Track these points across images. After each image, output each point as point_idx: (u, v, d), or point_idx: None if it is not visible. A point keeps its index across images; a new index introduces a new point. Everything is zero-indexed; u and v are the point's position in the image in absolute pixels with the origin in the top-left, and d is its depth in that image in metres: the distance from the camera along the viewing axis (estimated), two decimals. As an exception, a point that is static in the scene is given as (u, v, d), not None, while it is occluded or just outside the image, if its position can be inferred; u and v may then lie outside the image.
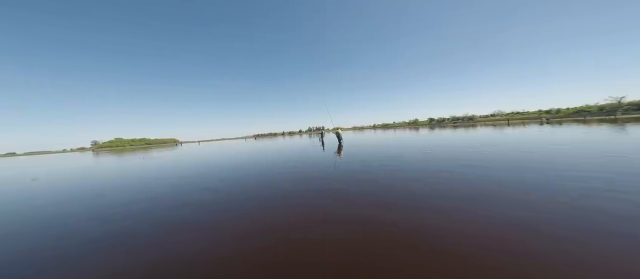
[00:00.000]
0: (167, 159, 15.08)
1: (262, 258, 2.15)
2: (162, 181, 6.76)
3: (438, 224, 2.58)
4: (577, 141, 9.00)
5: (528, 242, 2.11)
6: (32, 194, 6.21)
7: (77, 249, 2.61)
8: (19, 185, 7.98)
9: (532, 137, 11.83)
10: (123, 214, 3.80)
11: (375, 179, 4.93)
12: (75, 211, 4.17)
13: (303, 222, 2.90)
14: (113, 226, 3.24)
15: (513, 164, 5.43)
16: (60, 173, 11.13)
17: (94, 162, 17.88)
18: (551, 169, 4.72)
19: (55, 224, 3.50)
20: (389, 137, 21.99)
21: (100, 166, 13.54)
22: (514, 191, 3.51)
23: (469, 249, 2.05)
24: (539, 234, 2.22)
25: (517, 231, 2.33)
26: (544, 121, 43.61)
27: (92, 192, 5.87)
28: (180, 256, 2.28)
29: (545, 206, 2.90)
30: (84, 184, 7.14)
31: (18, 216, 4.11)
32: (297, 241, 2.41)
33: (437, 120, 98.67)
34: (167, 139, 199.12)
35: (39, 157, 44.97)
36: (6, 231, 3.36)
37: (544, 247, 2.02)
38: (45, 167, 16.25)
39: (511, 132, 15.91)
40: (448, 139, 13.86)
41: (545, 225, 2.40)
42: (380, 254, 2.08)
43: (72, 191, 6.26)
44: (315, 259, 2.05)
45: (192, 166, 9.87)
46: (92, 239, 2.84)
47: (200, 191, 4.98)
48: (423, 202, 3.28)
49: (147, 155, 21.98)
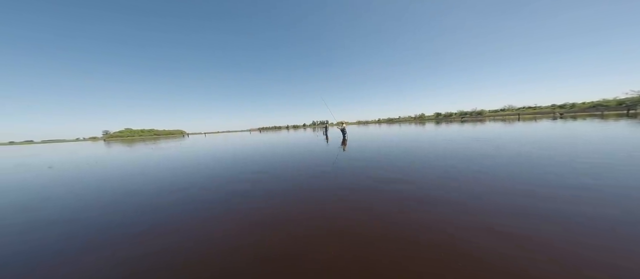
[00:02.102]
0: (185, 151, 15.44)
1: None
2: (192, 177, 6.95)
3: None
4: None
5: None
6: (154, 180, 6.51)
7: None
8: (77, 171, 8.38)
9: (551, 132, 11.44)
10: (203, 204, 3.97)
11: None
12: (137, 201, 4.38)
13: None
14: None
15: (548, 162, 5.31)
16: (100, 162, 11.57)
17: (114, 151, 18.51)
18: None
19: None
20: (396, 132, 21.72)
21: (125, 155, 13.99)
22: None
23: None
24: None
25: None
26: (558, 115, 41.96)
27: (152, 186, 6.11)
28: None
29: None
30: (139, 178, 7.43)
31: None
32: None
33: (444, 115, 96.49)
34: (174, 130, 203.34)
35: (56, 145, 47.07)
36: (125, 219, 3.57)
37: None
38: (77, 153, 16.96)
39: (524, 127, 15.44)
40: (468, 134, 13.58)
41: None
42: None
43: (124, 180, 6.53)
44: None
45: (229, 157, 10.07)
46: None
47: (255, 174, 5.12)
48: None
49: (158, 145, 22.59)
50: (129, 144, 32.00)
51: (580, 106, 51.53)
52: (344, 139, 14.13)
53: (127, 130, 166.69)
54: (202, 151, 13.38)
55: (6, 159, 15.36)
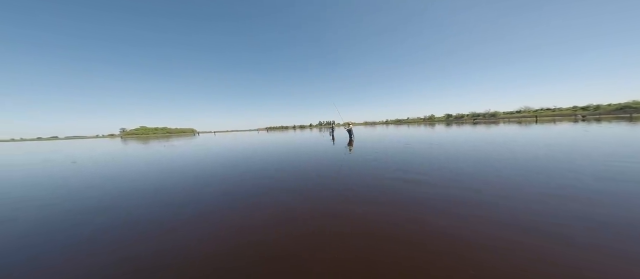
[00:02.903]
0: (202, 148, 15.92)
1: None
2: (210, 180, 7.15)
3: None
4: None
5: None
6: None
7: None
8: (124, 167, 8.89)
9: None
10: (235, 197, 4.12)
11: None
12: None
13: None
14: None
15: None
16: (128, 157, 12.20)
17: (130, 148, 19.42)
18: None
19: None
20: (404, 133, 21.28)
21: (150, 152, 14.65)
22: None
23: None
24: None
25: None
26: (580, 118, 39.50)
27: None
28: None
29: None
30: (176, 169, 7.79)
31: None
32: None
33: (454, 116, 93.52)
34: (185, 128, 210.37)
35: (77, 141, 50.11)
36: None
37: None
38: (106, 150, 17.98)
39: (540, 130, 14.62)
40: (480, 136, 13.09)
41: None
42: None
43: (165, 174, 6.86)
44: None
45: (239, 157, 10.32)
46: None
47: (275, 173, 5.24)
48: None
49: (173, 143, 23.44)
50: (144, 141, 33.44)
51: (605, 108, 48.14)
52: (351, 140, 14.01)
53: (142, 128, 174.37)
54: (216, 149, 13.73)
55: (35, 155, 16.49)
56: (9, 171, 8.22)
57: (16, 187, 5.39)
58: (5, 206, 3.94)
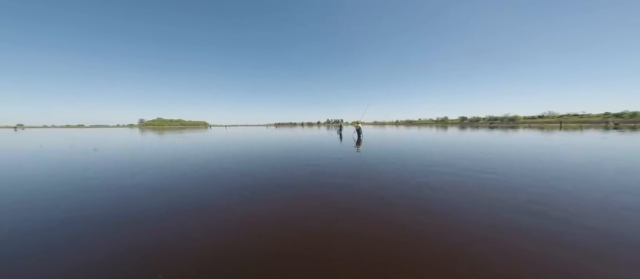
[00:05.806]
0: (220, 143, 16.42)
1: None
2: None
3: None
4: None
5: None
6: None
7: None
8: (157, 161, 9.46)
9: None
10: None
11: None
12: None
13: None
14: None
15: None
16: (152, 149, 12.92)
17: (147, 138, 20.45)
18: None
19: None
20: (416, 135, 20.68)
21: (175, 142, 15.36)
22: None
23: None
24: None
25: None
26: (611, 125, 36.32)
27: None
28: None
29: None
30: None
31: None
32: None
33: (470, 119, 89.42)
34: (198, 121, 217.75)
35: (101, 130, 53.56)
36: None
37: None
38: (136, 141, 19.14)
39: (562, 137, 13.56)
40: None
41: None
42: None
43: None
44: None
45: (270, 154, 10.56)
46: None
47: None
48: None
49: (186, 135, 24.38)
50: (160, 132, 35.02)
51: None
52: (359, 139, 13.83)
53: (158, 119, 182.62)
54: (233, 144, 14.08)
55: (64, 140, 17.79)
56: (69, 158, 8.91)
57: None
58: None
